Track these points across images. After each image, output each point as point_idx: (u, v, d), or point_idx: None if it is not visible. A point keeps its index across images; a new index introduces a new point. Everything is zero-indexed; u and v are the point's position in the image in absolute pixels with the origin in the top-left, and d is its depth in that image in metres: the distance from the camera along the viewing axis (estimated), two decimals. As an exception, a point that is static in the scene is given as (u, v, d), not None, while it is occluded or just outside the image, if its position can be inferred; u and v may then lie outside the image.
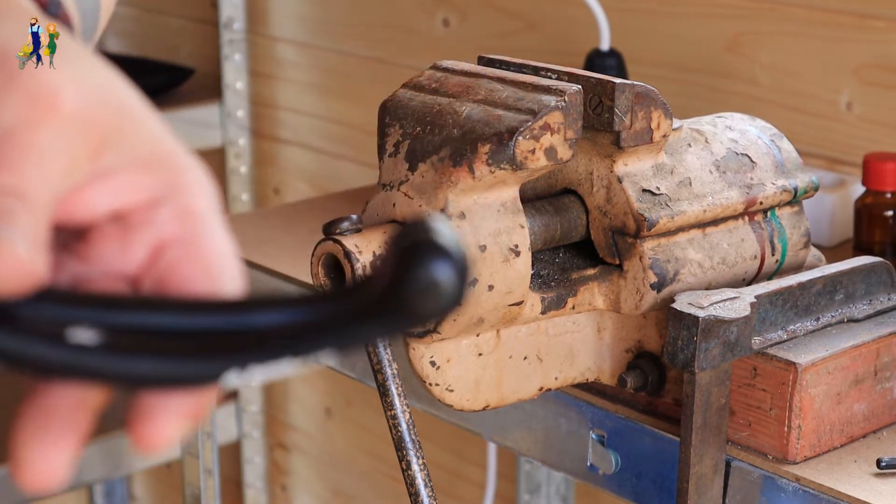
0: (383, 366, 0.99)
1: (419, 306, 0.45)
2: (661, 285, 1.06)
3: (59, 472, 0.47)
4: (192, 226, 0.50)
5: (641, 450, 1.13)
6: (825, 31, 1.56)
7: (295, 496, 2.39)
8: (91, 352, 0.46)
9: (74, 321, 0.46)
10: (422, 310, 0.45)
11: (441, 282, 0.44)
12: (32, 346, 0.46)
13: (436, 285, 0.44)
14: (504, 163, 0.97)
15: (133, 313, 0.47)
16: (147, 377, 0.46)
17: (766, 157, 1.15)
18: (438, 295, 0.45)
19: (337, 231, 0.97)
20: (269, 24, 2.21)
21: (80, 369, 0.46)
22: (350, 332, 0.46)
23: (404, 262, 0.45)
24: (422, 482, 0.99)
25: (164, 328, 0.47)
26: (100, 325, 0.46)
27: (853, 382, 1.07)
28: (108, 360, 0.46)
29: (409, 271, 0.44)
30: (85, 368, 0.46)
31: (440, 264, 0.44)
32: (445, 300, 0.45)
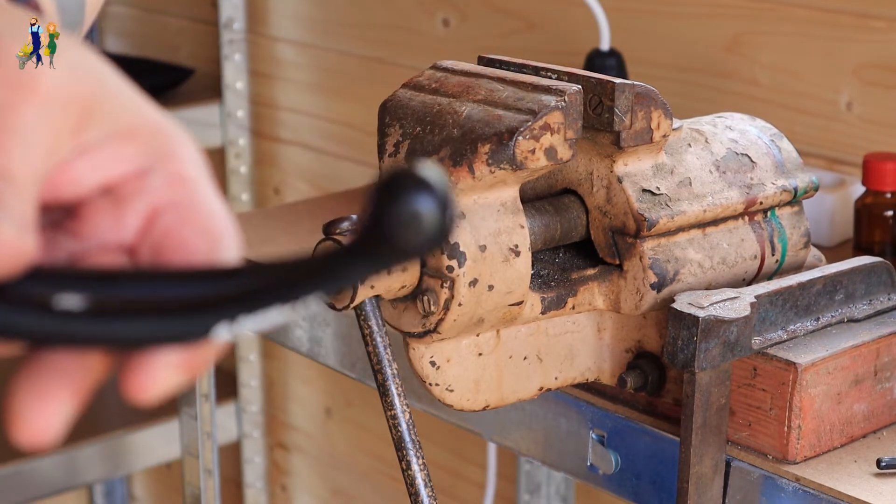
0: (383, 366, 0.99)
1: (402, 239, 0.44)
2: (661, 285, 1.06)
3: (54, 427, 0.47)
4: (184, 190, 0.50)
5: (641, 450, 1.13)
6: (825, 31, 1.56)
7: (295, 496, 2.39)
8: (78, 317, 0.46)
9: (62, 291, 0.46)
10: (405, 243, 0.44)
11: (422, 213, 0.44)
12: (19, 316, 0.46)
13: (417, 217, 0.44)
14: (504, 163, 0.97)
15: (122, 284, 0.47)
16: (135, 337, 0.46)
17: (766, 157, 1.15)
18: (421, 227, 0.44)
19: (337, 231, 0.97)
20: (269, 24, 2.21)
21: (67, 335, 0.46)
22: (336, 271, 0.46)
23: (385, 197, 0.44)
24: (422, 482, 0.99)
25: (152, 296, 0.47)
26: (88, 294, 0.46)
27: (853, 382, 1.07)
28: (94, 323, 0.46)
29: (390, 205, 0.44)
30: (72, 333, 0.46)
31: (421, 196, 0.44)
32: (428, 233, 0.44)
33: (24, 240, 0.46)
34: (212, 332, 0.46)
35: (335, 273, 0.46)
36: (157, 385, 0.47)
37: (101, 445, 2.15)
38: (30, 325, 0.46)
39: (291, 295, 0.46)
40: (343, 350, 1.41)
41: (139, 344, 0.47)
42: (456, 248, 0.98)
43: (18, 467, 2.07)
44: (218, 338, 0.47)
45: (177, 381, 0.48)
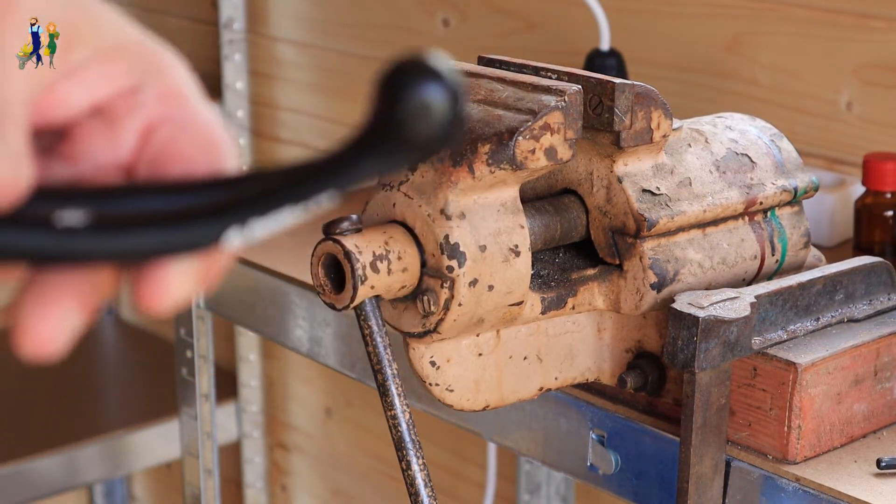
0: (383, 366, 0.99)
1: (412, 131, 0.43)
2: (661, 285, 1.06)
3: (60, 337, 0.46)
4: (177, 104, 0.49)
5: (641, 450, 1.13)
6: (825, 31, 1.56)
7: (295, 496, 2.39)
8: (81, 232, 0.45)
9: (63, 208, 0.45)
10: (415, 135, 0.43)
11: (432, 103, 0.43)
12: (21, 236, 0.44)
13: (427, 107, 0.43)
14: (504, 163, 0.97)
15: (125, 197, 0.46)
16: (143, 249, 0.45)
17: (766, 157, 1.15)
18: (431, 117, 0.43)
19: (337, 231, 0.97)
20: (269, 24, 2.21)
21: (72, 252, 0.45)
22: (346, 168, 0.44)
23: (393, 87, 0.43)
24: (422, 482, 0.99)
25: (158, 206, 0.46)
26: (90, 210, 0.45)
27: (853, 382, 1.07)
28: (99, 238, 0.45)
29: (399, 95, 0.43)
30: (77, 250, 0.45)
31: (430, 86, 0.43)
32: (439, 123, 0.43)
33: (19, 167, 0.45)
34: (223, 237, 0.45)
35: (346, 170, 0.45)
36: (171, 295, 0.46)
37: (101, 445, 2.15)
38: (33, 244, 0.44)
39: (302, 194, 0.45)
40: (343, 350, 1.41)
41: (148, 255, 0.45)
42: (456, 248, 0.98)
43: (18, 467, 2.07)
44: (230, 243, 0.45)
45: (190, 290, 0.47)
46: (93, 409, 2.28)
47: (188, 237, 0.45)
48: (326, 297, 0.98)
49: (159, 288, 0.46)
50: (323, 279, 0.98)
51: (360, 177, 0.45)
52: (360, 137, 0.44)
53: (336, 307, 0.98)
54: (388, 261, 0.97)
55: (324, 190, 0.45)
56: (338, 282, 0.98)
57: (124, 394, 2.36)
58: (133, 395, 2.34)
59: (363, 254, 0.96)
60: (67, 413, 2.23)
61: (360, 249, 0.96)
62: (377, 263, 0.96)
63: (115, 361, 2.54)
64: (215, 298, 1.56)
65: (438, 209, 0.98)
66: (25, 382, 2.34)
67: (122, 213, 0.45)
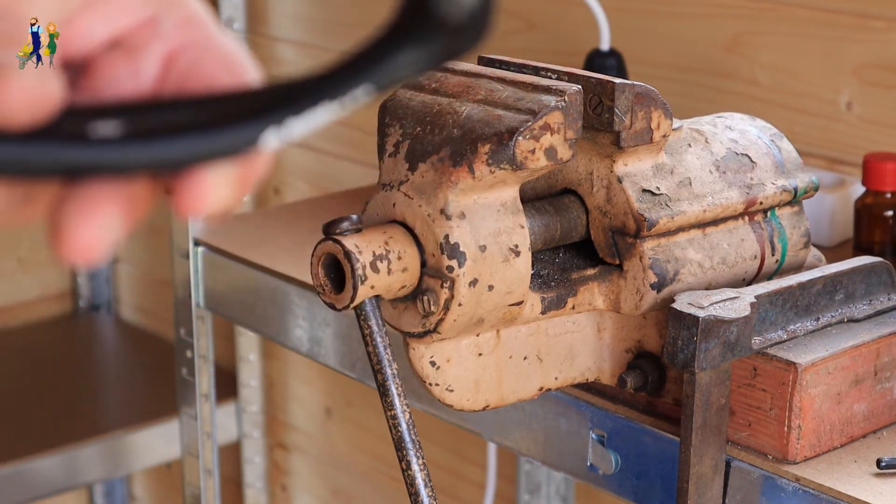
0: (383, 366, 0.99)
1: (445, 16, 0.43)
2: (661, 285, 1.06)
3: (102, 242, 0.46)
4: (197, 30, 0.50)
5: (641, 450, 1.13)
6: (825, 31, 1.56)
7: (295, 496, 2.39)
8: (117, 142, 0.44)
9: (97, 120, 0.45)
10: (448, 19, 0.43)
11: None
12: (56, 149, 0.44)
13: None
14: (504, 163, 0.97)
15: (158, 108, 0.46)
16: (180, 156, 0.45)
17: (766, 157, 1.15)
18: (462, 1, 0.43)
19: (337, 231, 0.97)
20: (269, 24, 2.21)
21: (108, 161, 0.44)
22: (380, 60, 0.44)
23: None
24: (422, 482, 0.99)
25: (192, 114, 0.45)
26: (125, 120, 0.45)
27: (853, 382, 1.07)
28: (136, 147, 0.44)
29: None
30: (113, 160, 0.44)
31: None
32: (471, 7, 0.43)
33: (49, 79, 0.45)
34: (261, 139, 0.45)
35: (379, 62, 0.44)
36: (211, 200, 0.46)
37: (101, 445, 2.15)
38: (69, 155, 0.44)
39: (338, 90, 0.45)
40: (343, 350, 1.41)
41: (186, 162, 0.45)
42: (456, 248, 0.98)
43: (18, 467, 2.07)
44: (268, 145, 0.45)
45: (230, 195, 0.47)
46: (93, 409, 2.28)
47: (226, 141, 0.45)
48: (326, 297, 0.98)
49: (199, 194, 0.46)
50: (323, 279, 0.98)
51: (394, 69, 0.44)
52: (391, 27, 0.44)
53: (336, 307, 0.98)
54: (388, 261, 0.97)
55: (359, 84, 0.45)
56: (338, 282, 0.98)
57: (124, 394, 2.36)
58: (133, 395, 2.34)
59: (363, 254, 0.96)
60: (67, 413, 2.23)
61: (360, 249, 0.96)
62: (377, 263, 0.96)
63: (115, 361, 2.54)
64: (215, 298, 1.56)
65: (438, 209, 0.98)
66: (25, 382, 2.34)
67: (157, 123, 0.45)
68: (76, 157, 0.44)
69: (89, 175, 0.45)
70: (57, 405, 2.25)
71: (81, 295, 2.58)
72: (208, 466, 1.72)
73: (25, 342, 2.47)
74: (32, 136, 0.44)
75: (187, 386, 1.68)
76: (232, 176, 0.47)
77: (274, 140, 0.45)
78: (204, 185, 0.46)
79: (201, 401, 1.68)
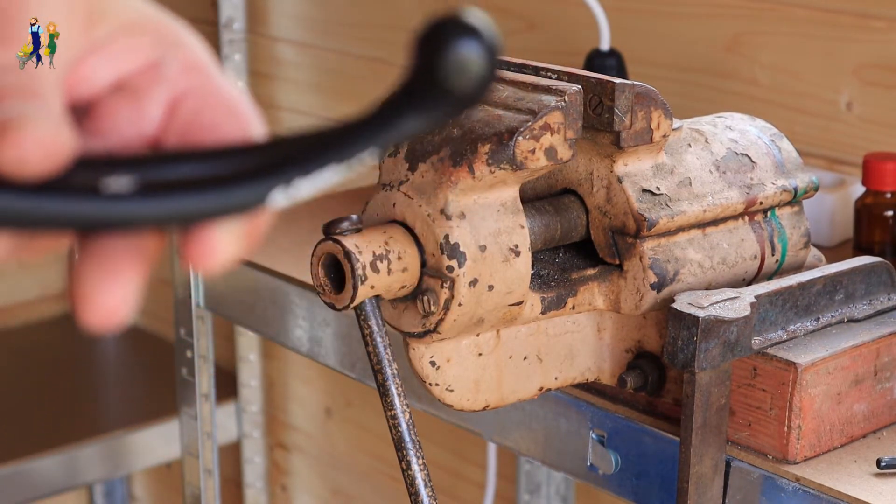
0: (383, 366, 0.99)
1: (452, 85, 0.45)
2: (661, 285, 1.06)
3: (125, 305, 0.47)
4: (201, 75, 0.50)
5: (641, 450, 1.13)
6: (825, 31, 1.56)
7: (295, 496, 2.39)
8: (128, 198, 0.45)
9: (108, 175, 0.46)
10: (455, 89, 0.45)
11: (471, 57, 0.45)
12: (69, 204, 0.45)
13: (467, 61, 0.45)
14: (504, 163, 0.97)
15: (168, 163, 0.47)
16: (191, 213, 0.46)
17: (766, 157, 1.15)
18: (470, 71, 0.45)
19: (337, 231, 0.97)
20: (269, 24, 2.21)
21: (120, 217, 0.45)
22: (389, 124, 0.46)
23: (434, 44, 0.45)
24: (422, 482, 0.99)
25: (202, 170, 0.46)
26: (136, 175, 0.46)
27: (853, 382, 1.07)
28: (147, 202, 0.45)
29: (439, 51, 0.45)
30: (125, 215, 0.45)
31: (470, 41, 0.45)
32: (478, 77, 0.45)
33: (61, 132, 0.45)
34: (269, 198, 0.46)
35: (387, 126, 0.46)
36: (220, 255, 0.47)
37: (101, 445, 2.15)
38: (81, 211, 0.45)
39: (346, 153, 0.46)
40: (343, 350, 1.41)
41: (196, 219, 0.46)
42: (456, 248, 0.98)
43: (18, 467, 2.07)
44: (275, 203, 0.46)
45: (238, 249, 0.48)
46: (93, 409, 2.28)
47: (235, 199, 0.46)
48: (326, 297, 0.98)
49: (208, 249, 0.47)
50: (323, 279, 0.98)
51: (401, 132, 0.46)
52: (400, 93, 0.46)
53: (336, 307, 0.98)
54: (388, 261, 0.97)
55: (367, 147, 0.46)
56: (338, 282, 0.98)
57: (124, 394, 2.36)
58: (133, 395, 2.34)
59: (363, 254, 0.96)
60: (67, 413, 2.23)
61: (360, 249, 0.96)
62: (377, 263, 0.96)
63: (115, 361, 2.54)
64: (215, 298, 1.56)
65: (438, 209, 0.98)
66: (25, 382, 2.34)
67: (168, 178, 0.46)
68: (89, 211, 0.45)
69: (101, 229, 0.46)
70: (57, 405, 2.25)
71: (81, 295, 2.57)
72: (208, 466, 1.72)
73: (25, 342, 2.48)
74: (45, 188, 0.45)
75: (187, 386, 1.68)
76: (239, 231, 0.48)
77: (281, 199, 0.46)
78: (213, 240, 0.47)
79: (201, 401, 1.68)
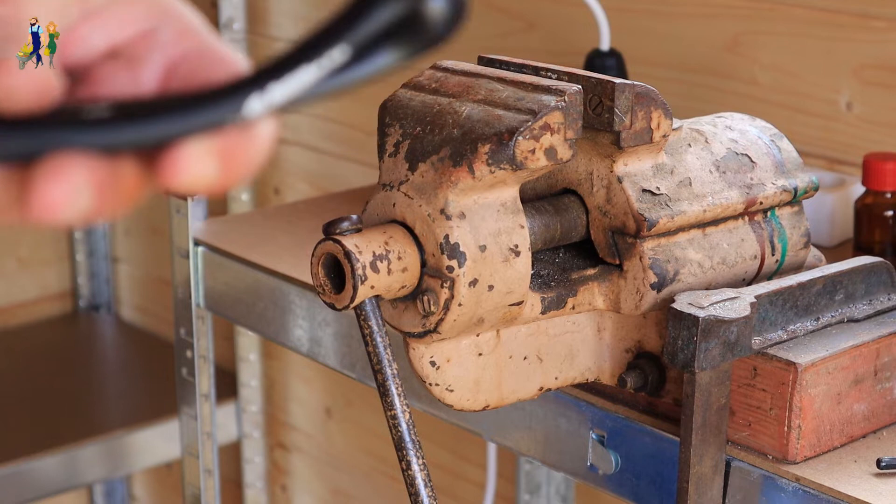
0: (383, 366, 0.99)
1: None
2: (661, 285, 1.06)
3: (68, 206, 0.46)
4: (196, 40, 0.51)
5: (641, 450, 1.13)
6: (825, 31, 1.56)
7: (295, 496, 2.39)
8: (106, 121, 0.46)
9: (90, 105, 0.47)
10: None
11: None
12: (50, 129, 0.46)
13: None
14: (504, 163, 0.97)
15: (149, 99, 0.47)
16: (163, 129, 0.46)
17: (766, 157, 1.15)
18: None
19: (337, 231, 0.97)
20: (269, 24, 2.21)
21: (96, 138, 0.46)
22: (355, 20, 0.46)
23: None
24: (422, 482, 0.99)
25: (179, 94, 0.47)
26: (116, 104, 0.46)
27: (853, 382, 1.07)
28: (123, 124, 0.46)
29: None
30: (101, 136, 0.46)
31: None
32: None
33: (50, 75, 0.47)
34: (244, 108, 0.46)
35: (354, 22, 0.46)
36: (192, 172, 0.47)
37: (101, 445, 2.15)
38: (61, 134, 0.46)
39: (315, 52, 0.46)
40: (343, 350, 1.41)
41: (169, 135, 0.46)
42: (456, 248, 0.98)
43: (18, 467, 2.07)
44: (252, 114, 0.46)
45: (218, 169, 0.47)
46: (93, 409, 2.28)
47: (208, 112, 0.46)
48: (326, 297, 0.98)
49: (179, 165, 0.47)
50: (323, 279, 0.98)
51: (369, 28, 0.46)
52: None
53: (336, 307, 0.98)
54: (388, 261, 0.97)
55: (335, 44, 0.46)
56: (338, 282, 0.98)
57: (124, 394, 2.36)
58: (133, 395, 2.34)
59: (363, 254, 0.96)
60: (67, 413, 2.23)
61: (360, 249, 0.96)
62: (377, 263, 0.96)
63: (115, 361, 2.54)
64: (215, 298, 1.56)
65: (438, 209, 0.98)
66: (25, 382, 2.34)
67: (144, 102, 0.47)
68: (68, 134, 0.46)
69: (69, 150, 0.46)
70: (57, 405, 2.25)
71: (81, 295, 2.58)
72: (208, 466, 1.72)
73: (25, 342, 2.48)
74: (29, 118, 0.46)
75: (187, 386, 1.68)
76: (217, 149, 0.47)
77: (258, 107, 0.46)
78: (186, 157, 0.47)
79: (201, 401, 1.68)
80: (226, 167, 0.47)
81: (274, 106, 0.46)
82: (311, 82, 0.46)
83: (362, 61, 0.47)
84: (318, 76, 0.46)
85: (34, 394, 2.29)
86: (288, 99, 0.46)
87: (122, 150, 0.46)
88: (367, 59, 0.47)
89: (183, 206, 1.57)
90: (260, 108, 0.46)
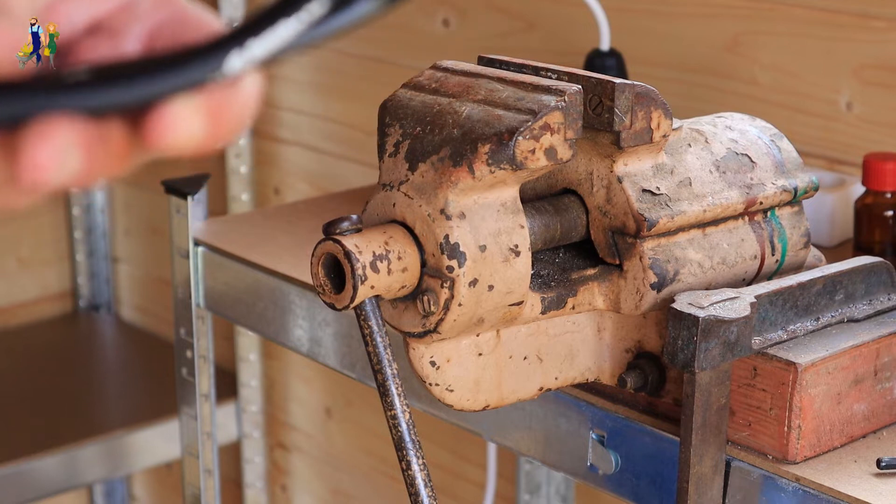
0: (383, 366, 0.99)
1: None
2: (661, 285, 1.06)
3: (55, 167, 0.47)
4: (175, 7, 0.51)
5: (641, 450, 1.13)
6: (825, 31, 1.56)
7: (295, 496, 2.39)
8: (87, 84, 0.46)
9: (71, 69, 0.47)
10: None
11: None
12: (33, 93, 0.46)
13: None
14: (504, 163, 0.97)
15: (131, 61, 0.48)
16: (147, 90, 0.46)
17: (766, 157, 1.15)
18: None
19: (337, 231, 0.97)
20: (269, 24, 2.21)
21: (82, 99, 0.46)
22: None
23: None
24: (422, 482, 0.99)
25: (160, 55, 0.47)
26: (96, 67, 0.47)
27: (853, 382, 1.07)
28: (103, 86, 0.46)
29: None
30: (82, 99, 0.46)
31: None
32: None
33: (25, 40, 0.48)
34: (225, 65, 0.46)
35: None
36: (178, 130, 0.47)
37: (101, 445, 2.15)
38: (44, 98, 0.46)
39: (294, 5, 0.46)
40: (343, 350, 1.41)
41: (151, 95, 0.46)
42: (456, 248, 0.98)
43: (18, 467, 2.07)
44: (233, 70, 0.46)
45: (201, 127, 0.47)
46: (93, 409, 2.28)
47: (188, 70, 0.46)
48: (326, 297, 0.98)
49: (165, 125, 0.47)
50: (323, 279, 0.98)
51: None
52: None
53: (336, 307, 0.98)
54: (388, 261, 0.97)
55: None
56: (338, 282, 0.98)
57: (124, 394, 2.36)
58: (133, 395, 2.34)
59: (363, 254, 0.96)
60: (67, 413, 2.23)
61: (360, 249, 0.96)
62: (377, 263, 0.96)
63: (115, 361, 2.54)
64: (215, 298, 1.56)
65: (438, 209, 0.98)
66: (25, 382, 2.34)
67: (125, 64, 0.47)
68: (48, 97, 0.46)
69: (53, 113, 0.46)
70: (57, 405, 2.25)
71: (81, 295, 2.58)
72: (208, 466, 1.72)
73: (25, 342, 2.48)
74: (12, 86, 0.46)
75: (187, 386, 1.68)
76: (203, 107, 0.47)
77: (238, 63, 0.46)
78: (171, 116, 0.47)
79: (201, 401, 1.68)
80: (212, 125, 0.48)
81: (255, 61, 0.47)
82: (291, 36, 0.47)
83: (341, 11, 0.47)
84: (298, 30, 0.47)
85: (34, 394, 2.29)
86: (268, 54, 0.47)
87: (106, 111, 0.47)
88: (346, 8, 0.47)
89: (183, 206, 1.57)
90: (240, 64, 0.46)
